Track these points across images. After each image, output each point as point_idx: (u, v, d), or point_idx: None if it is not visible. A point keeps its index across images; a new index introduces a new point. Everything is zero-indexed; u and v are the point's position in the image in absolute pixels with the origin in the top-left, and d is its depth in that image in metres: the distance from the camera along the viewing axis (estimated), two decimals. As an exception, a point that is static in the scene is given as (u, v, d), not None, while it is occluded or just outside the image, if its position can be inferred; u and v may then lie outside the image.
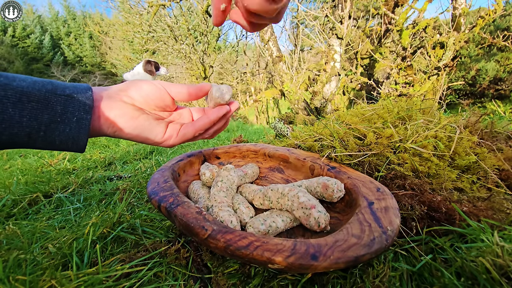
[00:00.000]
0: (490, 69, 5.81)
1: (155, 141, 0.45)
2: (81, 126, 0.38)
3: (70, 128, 0.37)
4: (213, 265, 0.45)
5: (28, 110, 0.34)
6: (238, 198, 0.55)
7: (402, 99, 0.91)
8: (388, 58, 3.64)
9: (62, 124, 0.36)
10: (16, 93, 0.33)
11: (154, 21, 6.01)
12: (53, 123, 0.36)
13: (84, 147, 0.40)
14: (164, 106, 0.47)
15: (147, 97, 0.44)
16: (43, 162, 1.37)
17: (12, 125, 0.33)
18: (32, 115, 0.34)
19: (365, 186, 0.48)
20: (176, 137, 0.46)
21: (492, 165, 0.57)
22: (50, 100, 0.35)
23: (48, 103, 0.35)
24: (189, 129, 0.46)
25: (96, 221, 0.55)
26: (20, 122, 0.34)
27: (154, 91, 0.44)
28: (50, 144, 0.37)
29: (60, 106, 0.36)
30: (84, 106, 0.38)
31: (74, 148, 0.39)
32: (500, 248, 0.33)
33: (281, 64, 4.07)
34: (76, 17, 21.71)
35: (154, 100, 0.45)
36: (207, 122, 0.46)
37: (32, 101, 0.34)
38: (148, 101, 0.44)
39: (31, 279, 0.36)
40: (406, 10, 3.24)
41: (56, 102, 0.36)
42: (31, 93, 0.34)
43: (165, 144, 0.46)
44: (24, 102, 0.34)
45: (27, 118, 0.34)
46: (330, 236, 0.36)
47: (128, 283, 0.40)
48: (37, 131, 0.35)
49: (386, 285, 0.36)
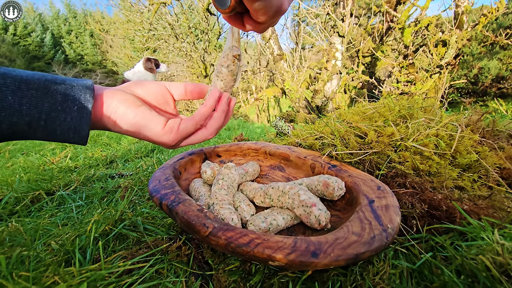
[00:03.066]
0: (492, 67, 5.77)
1: (155, 131, 0.42)
2: (82, 115, 0.37)
3: (71, 117, 0.36)
4: (214, 262, 0.45)
5: (27, 98, 0.33)
6: (239, 196, 0.56)
7: (403, 98, 0.91)
8: (390, 56, 3.62)
9: (63, 113, 0.36)
10: (15, 81, 0.33)
11: (155, 19, 6.00)
12: (53, 111, 0.35)
13: (86, 138, 0.38)
14: (165, 103, 0.48)
15: (149, 91, 0.45)
16: (45, 160, 1.38)
17: (11, 114, 0.33)
18: (32, 103, 0.34)
19: (366, 184, 0.49)
20: (177, 130, 0.43)
21: (493, 163, 0.57)
22: (49, 88, 0.35)
23: (48, 91, 0.35)
24: (189, 122, 0.44)
25: (98, 219, 0.56)
26: (19, 111, 0.33)
27: (155, 87, 0.46)
28: (51, 134, 0.36)
29: (60, 95, 0.35)
30: (85, 94, 0.37)
31: (75, 139, 0.38)
32: (500, 246, 0.33)
33: (282, 62, 4.06)
34: (77, 15, 21.69)
35: (156, 96, 0.46)
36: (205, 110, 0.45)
37: (32, 88, 0.34)
38: (150, 95, 0.45)
39: (34, 275, 0.37)
40: (408, 8, 3.22)
41: (56, 90, 0.35)
42: (30, 81, 0.34)
43: (165, 139, 0.43)
44: (23, 90, 0.33)
45: (26, 107, 0.33)
46: (331, 234, 0.36)
47: (130, 279, 0.41)
48: (37, 120, 0.34)
49: (386, 282, 0.36)
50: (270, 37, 3.94)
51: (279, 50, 4.05)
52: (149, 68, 2.73)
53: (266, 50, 4.15)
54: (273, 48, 4.03)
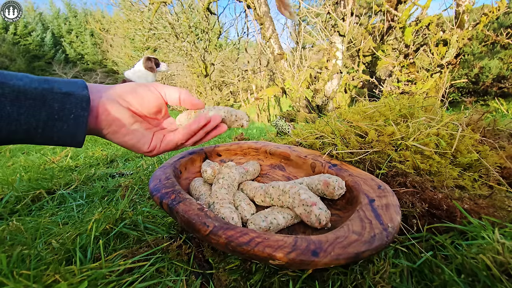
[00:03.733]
0: (493, 67, 5.76)
1: (142, 151, 0.48)
2: (78, 124, 0.38)
3: (68, 125, 0.38)
4: (214, 261, 0.45)
5: (25, 107, 0.34)
6: (240, 195, 0.56)
7: (404, 97, 0.90)
8: (391, 55, 3.61)
9: (59, 122, 0.37)
10: (13, 91, 0.34)
11: (155, 19, 6.00)
12: (50, 120, 0.36)
13: (82, 143, 0.41)
14: (157, 112, 0.50)
15: (143, 102, 0.46)
16: (45, 159, 1.38)
17: (10, 123, 0.34)
18: (30, 112, 0.35)
19: (366, 184, 0.48)
20: (159, 147, 0.49)
21: (494, 163, 0.57)
22: (47, 97, 0.36)
23: (45, 100, 0.36)
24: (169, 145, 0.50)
25: (99, 218, 0.56)
26: (18, 120, 0.34)
27: (149, 97, 0.47)
28: (48, 140, 0.38)
29: (57, 104, 0.37)
30: (81, 103, 0.38)
31: (73, 144, 0.40)
32: (500, 245, 0.33)
33: (282, 61, 4.05)
34: (77, 15, 21.68)
35: (149, 106, 0.47)
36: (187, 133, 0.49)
37: (29, 98, 0.35)
38: (143, 106, 0.47)
39: (35, 274, 0.37)
40: (409, 7, 3.21)
41: (53, 99, 0.36)
42: (28, 91, 0.35)
43: (149, 155, 0.50)
44: (21, 100, 0.34)
45: (24, 116, 0.34)
46: (331, 233, 0.36)
47: (130, 278, 0.41)
48: (35, 129, 0.36)
49: (386, 281, 0.36)
50: (271, 36, 3.93)
51: (279, 50, 4.04)
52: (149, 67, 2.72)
53: (267, 49, 4.14)
54: (273, 48, 4.03)
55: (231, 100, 8.45)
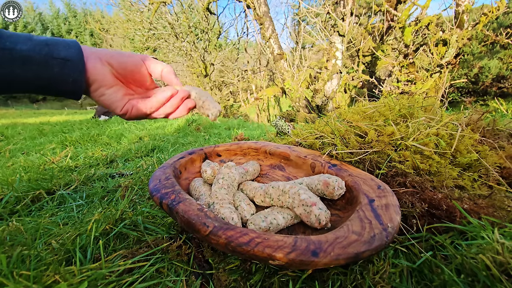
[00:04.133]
0: (493, 66, 5.76)
1: (116, 112, 0.52)
2: (76, 85, 0.44)
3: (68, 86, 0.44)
4: (214, 261, 0.46)
5: (32, 72, 0.40)
6: (239, 195, 0.56)
7: (404, 97, 0.90)
8: (390, 55, 3.62)
9: (61, 84, 0.43)
10: (21, 56, 0.40)
11: (155, 19, 6.00)
12: (53, 82, 0.43)
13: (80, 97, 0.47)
14: (141, 79, 0.53)
15: (126, 67, 0.50)
16: (45, 159, 1.38)
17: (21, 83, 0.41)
18: (36, 76, 0.41)
19: (366, 184, 0.49)
20: (131, 112, 0.52)
21: (493, 163, 0.57)
22: (48, 62, 0.42)
23: (47, 65, 0.41)
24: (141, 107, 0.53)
25: (99, 218, 0.56)
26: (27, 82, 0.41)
27: (132, 63, 0.50)
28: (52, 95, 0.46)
29: (57, 68, 0.42)
30: (78, 67, 0.44)
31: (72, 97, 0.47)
32: (500, 245, 0.33)
33: (282, 61, 4.05)
34: (77, 15, 21.68)
35: (132, 72, 0.51)
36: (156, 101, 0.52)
37: (34, 63, 0.41)
38: (126, 70, 0.50)
39: (35, 274, 0.37)
40: (409, 7, 3.22)
41: (53, 64, 0.42)
42: (33, 57, 0.40)
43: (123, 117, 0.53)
44: (27, 65, 0.40)
45: (32, 79, 0.41)
46: (331, 233, 0.36)
47: (130, 278, 0.41)
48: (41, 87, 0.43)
49: (386, 281, 0.36)
50: (270, 36, 3.93)
51: (279, 50, 4.04)
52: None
53: (266, 49, 4.15)
54: (273, 48, 4.03)
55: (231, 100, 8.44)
